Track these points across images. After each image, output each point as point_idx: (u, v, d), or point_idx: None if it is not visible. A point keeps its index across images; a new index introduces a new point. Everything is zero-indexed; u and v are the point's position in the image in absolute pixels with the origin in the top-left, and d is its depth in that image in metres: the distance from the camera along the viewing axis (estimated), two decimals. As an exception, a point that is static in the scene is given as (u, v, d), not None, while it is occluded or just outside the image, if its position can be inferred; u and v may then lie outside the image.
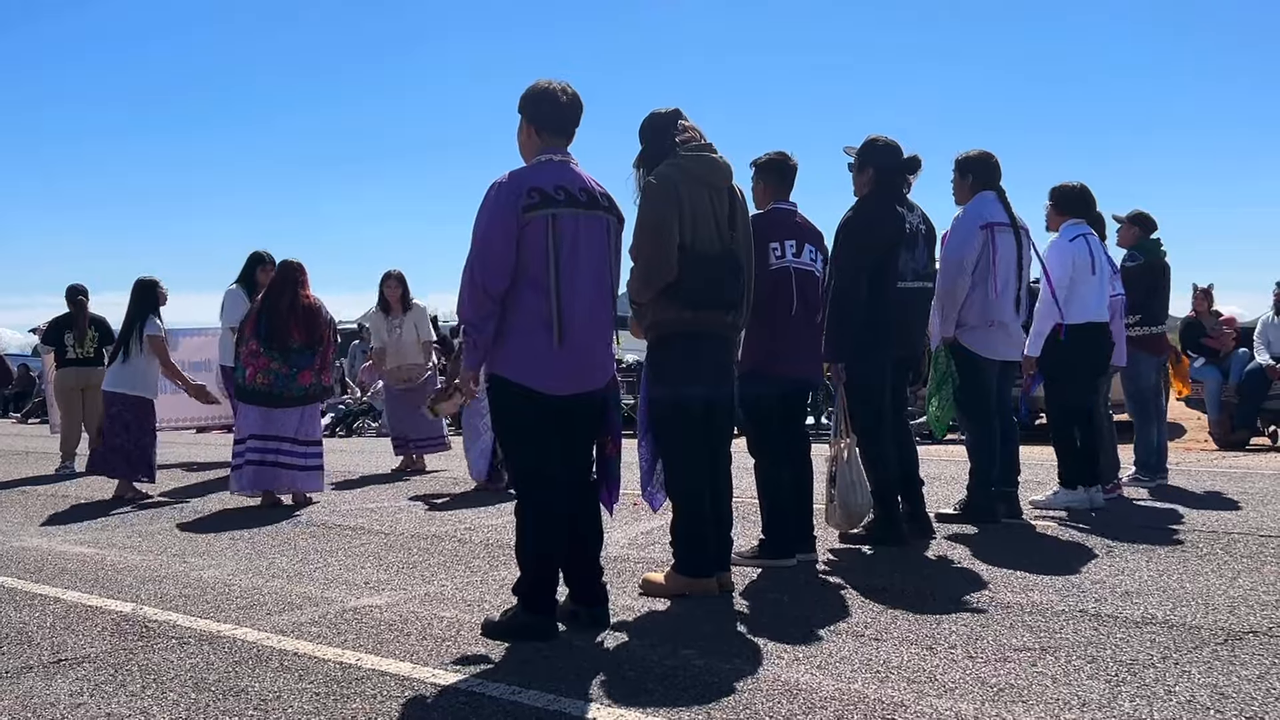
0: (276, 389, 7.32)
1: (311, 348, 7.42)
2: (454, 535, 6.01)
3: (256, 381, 7.32)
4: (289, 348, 7.33)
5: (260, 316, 7.39)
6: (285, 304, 7.37)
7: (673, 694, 3.13)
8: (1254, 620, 3.82)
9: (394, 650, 3.65)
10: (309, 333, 7.41)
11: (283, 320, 7.34)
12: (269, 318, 7.36)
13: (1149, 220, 7.63)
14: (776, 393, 4.96)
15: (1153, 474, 7.49)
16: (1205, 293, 10.90)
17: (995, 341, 6.00)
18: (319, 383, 7.53)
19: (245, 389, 7.37)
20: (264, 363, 7.31)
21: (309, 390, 7.45)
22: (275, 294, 7.44)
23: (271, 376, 7.31)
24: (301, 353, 7.38)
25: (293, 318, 7.36)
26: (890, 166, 5.43)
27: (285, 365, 7.33)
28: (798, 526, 4.97)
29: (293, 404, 7.38)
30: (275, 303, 7.39)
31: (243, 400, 7.46)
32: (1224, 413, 10.82)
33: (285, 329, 7.33)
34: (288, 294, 7.41)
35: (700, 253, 4.20)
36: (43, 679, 3.42)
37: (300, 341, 7.36)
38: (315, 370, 7.45)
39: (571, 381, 3.78)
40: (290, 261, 7.60)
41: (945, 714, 2.90)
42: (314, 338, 7.43)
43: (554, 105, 3.87)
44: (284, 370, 7.33)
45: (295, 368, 7.35)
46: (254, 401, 7.34)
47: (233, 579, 4.93)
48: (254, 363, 7.33)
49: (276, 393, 7.32)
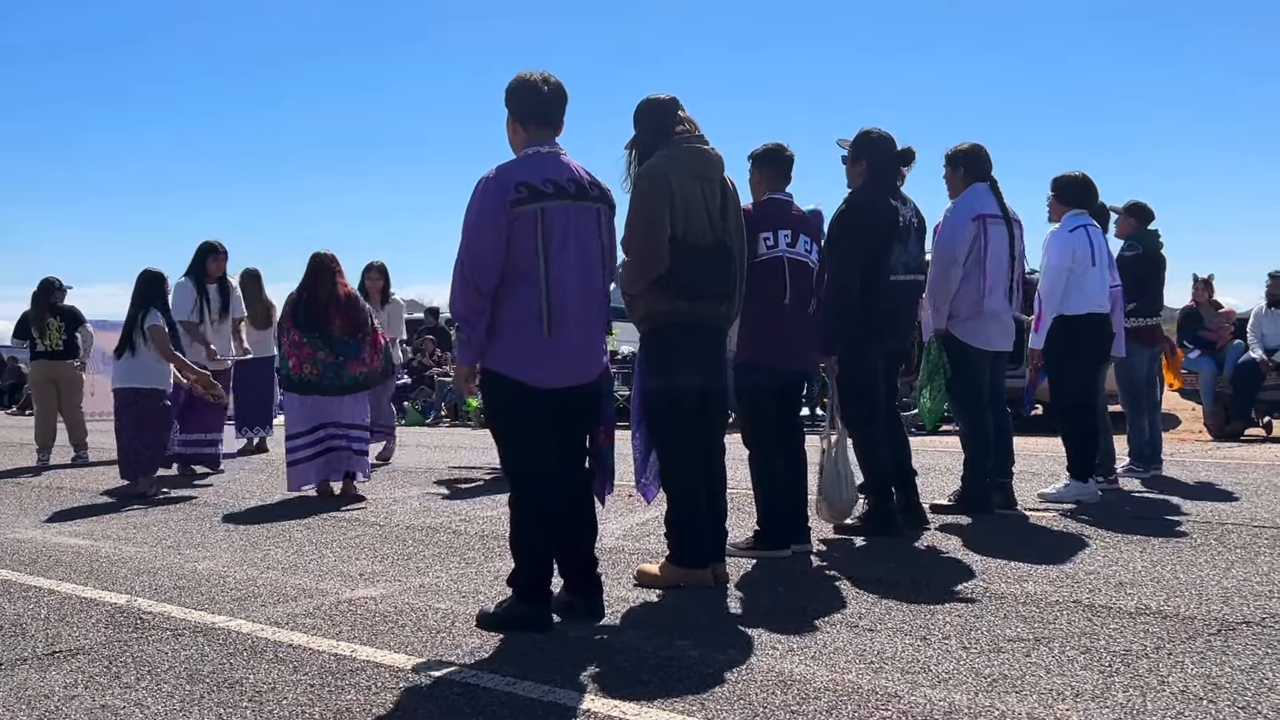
0: (326, 377, 7.25)
1: (356, 337, 7.35)
2: (449, 527, 6.01)
3: (304, 371, 7.24)
4: (331, 337, 7.26)
5: (299, 307, 7.33)
6: (324, 294, 7.32)
7: (668, 685, 3.13)
8: (1247, 611, 3.83)
9: (389, 642, 3.65)
10: (351, 322, 7.35)
11: (322, 310, 7.28)
12: (309, 308, 7.30)
13: (1146, 211, 7.64)
14: (771, 383, 4.96)
15: (1147, 465, 7.51)
16: (1206, 283, 10.91)
17: (987, 332, 6.01)
18: (370, 370, 7.44)
19: (292, 379, 7.29)
20: (309, 352, 7.23)
21: (358, 380, 7.38)
22: (311, 285, 7.37)
23: (320, 366, 7.24)
24: (346, 342, 7.30)
25: (333, 307, 7.31)
26: (884, 159, 5.43)
27: (332, 354, 7.26)
28: (793, 518, 4.98)
29: (344, 392, 7.33)
30: (314, 293, 7.33)
31: (290, 391, 7.38)
32: (1219, 404, 10.85)
33: (326, 318, 7.27)
34: (325, 284, 7.35)
35: (692, 244, 4.19)
36: (37, 671, 3.42)
37: (342, 330, 7.30)
38: (364, 360, 7.37)
39: (563, 374, 3.77)
40: (322, 253, 7.49)
41: (939, 704, 2.91)
42: (356, 327, 7.37)
43: (536, 96, 3.85)
44: (331, 360, 7.26)
45: (343, 357, 7.29)
46: (304, 391, 7.27)
47: (227, 571, 4.92)
48: (298, 353, 7.24)
49: (327, 381, 7.26)
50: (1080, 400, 6.42)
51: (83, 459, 10.06)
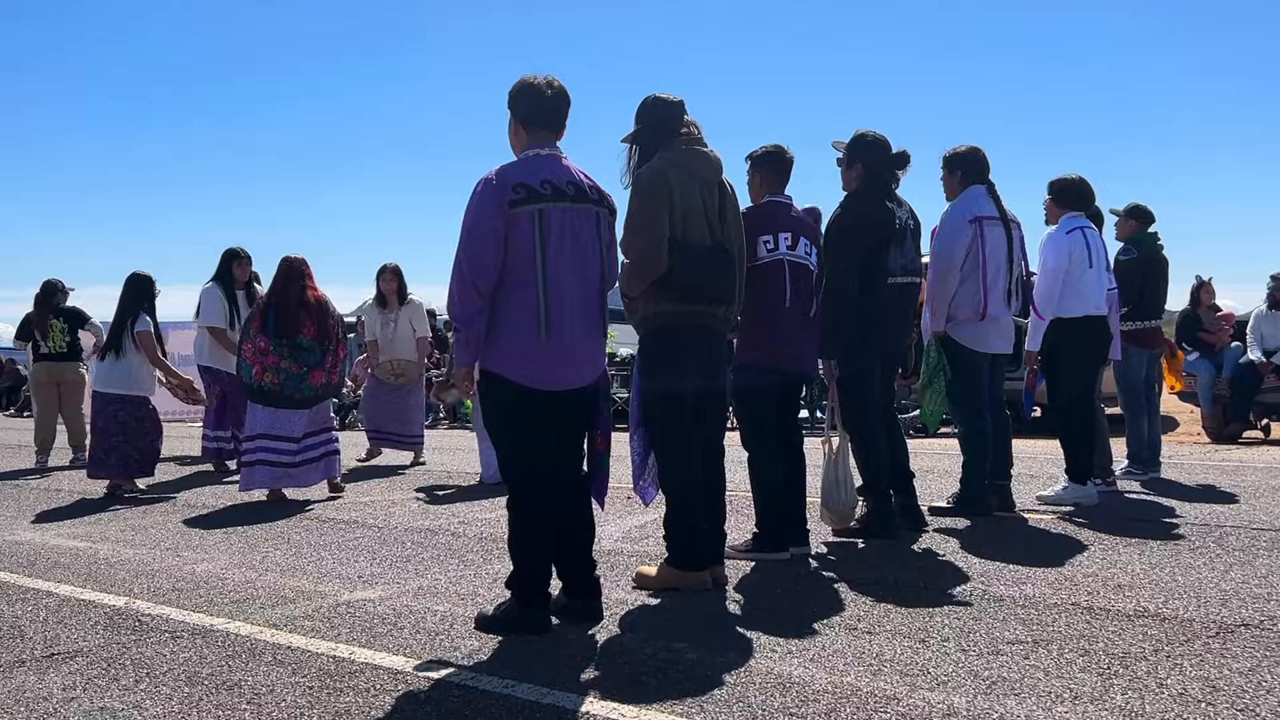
0: (287, 389, 7.14)
1: (322, 345, 7.24)
2: (448, 529, 6.01)
3: (265, 380, 7.12)
4: (298, 344, 7.15)
5: (268, 312, 7.22)
6: (294, 298, 7.22)
7: (666, 687, 3.13)
8: (1246, 613, 3.83)
9: (387, 644, 3.65)
10: (320, 328, 7.25)
11: (292, 315, 7.18)
12: (278, 313, 7.19)
13: (1146, 213, 7.64)
14: (770, 385, 4.96)
15: (1145, 467, 7.51)
16: (1206, 285, 10.91)
17: (986, 335, 6.01)
18: (329, 383, 7.34)
19: (253, 387, 7.17)
20: (273, 360, 7.11)
21: (319, 391, 7.28)
22: (281, 289, 7.28)
23: (281, 375, 7.12)
24: (311, 350, 7.20)
25: (302, 311, 7.21)
26: (879, 162, 5.43)
27: (295, 364, 7.14)
28: (791, 520, 4.98)
29: (302, 405, 7.23)
30: (283, 298, 7.23)
31: (251, 399, 7.27)
32: (1217, 406, 10.86)
33: (295, 323, 7.16)
34: (294, 288, 7.25)
35: (691, 246, 4.19)
36: (35, 673, 3.41)
37: (311, 337, 7.20)
38: (326, 370, 7.26)
39: (561, 377, 3.77)
40: (293, 257, 7.40)
41: (938, 707, 2.91)
42: (324, 333, 7.27)
43: (539, 99, 3.86)
44: (294, 369, 7.14)
45: (306, 366, 7.17)
46: (263, 401, 7.17)
47: (226, 573, 4.92)
48: (261, 360, 7.12)
49: (286, 393, 7.14)
50: (1078, 402, 6.43)
51: (81, 461, 10.02)
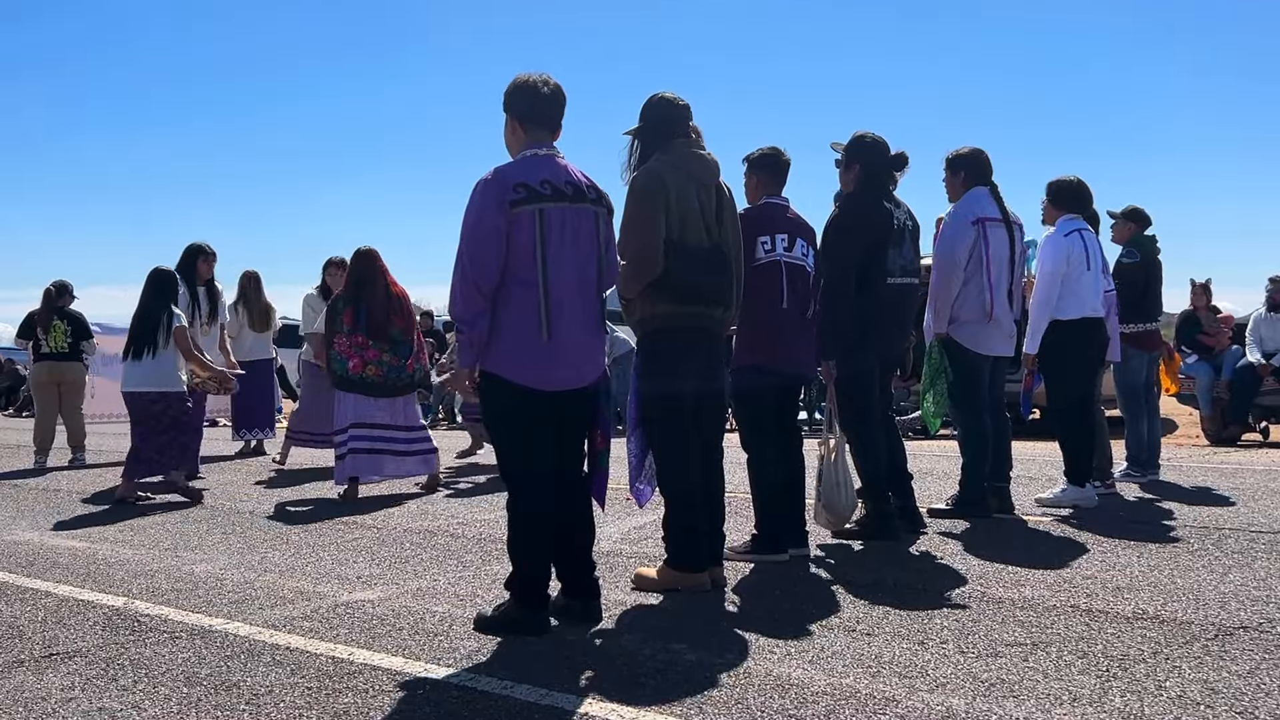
0: (390, 379, 7.40)
1: (409, 335, 7.49)
2: (446, 530, 6.01)
3: (367, 372, 7.35)
4: (393, 338, 7.40)
5: (359, 309, 7.39)
6: (381, 294, 7.43)
7: (665, 688, 3.13)
8: (1245, 615, 3.84)
9: (386, 645, 3.65)
10: (406, 320, 7.52)
11: (382, 310, 7.41)
12: (369, 310, 7.39)
13: (1144, 216, 7.65)
14: (769, 387, 4.96)
15: (1144, 469, 7.52)
16: (1204, 288, 10.92)
17: (988, 337, 6.01)
18: (421, 368, 7.64)
19: (351, 379, 7.35)
20: (374, 354, 7.36)
21: (414, 378, 7.57)
22: (367, 286, 7.44)
23: (384, 368, 7.38)
24: (402, 342, 7.45)
25: (390, 305, 7.45)
26: (877, 163, 5.44)
27: (394, 356, 7.40)
28: (790, 521, 4.98)
29: (402, 393, 7.49)
30: (370, 294, 7.42)
31: (345, 390, 7.41)
32: (1216, 408, 10.86)
33: (386, 318, 7.41)
34: (380, 284, 7.46)
35: (688, 248, 4.20)
36: (34, 673, 3.41)
37: (399, 329, 7.44)
38: (416, 357, 7.54)
39: (561, 377, 3.77)
40: (366, 251, 7.54)
41: (936, 709, 2.91)
42: (410, 324, 7.54)
43: (535, 98, 3.86)
44: (394, 361, 7.40)
45: (402, 357, 7.43)
46: (362, 390, 7.35)
47: (225, 573, 4.92)
48: (361, 354, 7.34)
49: (390, 383, 7.40)
50: (1077, 405, 6.43)
51: (80, 461, 10.05)
